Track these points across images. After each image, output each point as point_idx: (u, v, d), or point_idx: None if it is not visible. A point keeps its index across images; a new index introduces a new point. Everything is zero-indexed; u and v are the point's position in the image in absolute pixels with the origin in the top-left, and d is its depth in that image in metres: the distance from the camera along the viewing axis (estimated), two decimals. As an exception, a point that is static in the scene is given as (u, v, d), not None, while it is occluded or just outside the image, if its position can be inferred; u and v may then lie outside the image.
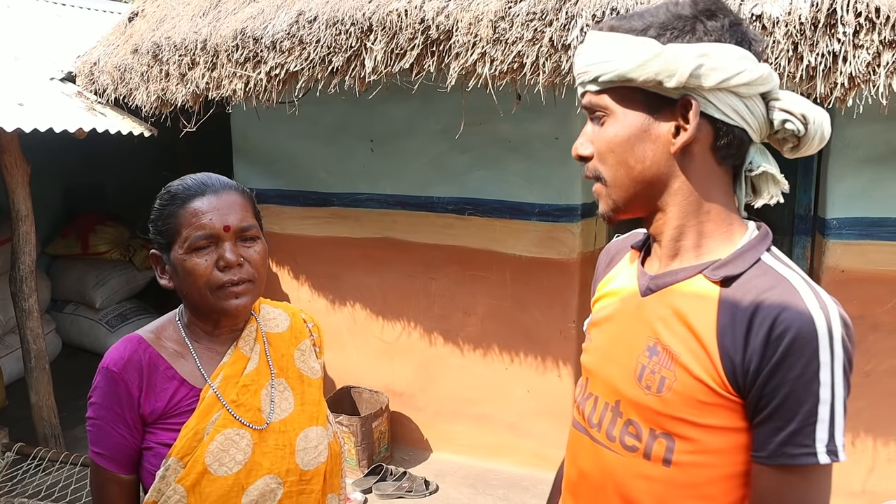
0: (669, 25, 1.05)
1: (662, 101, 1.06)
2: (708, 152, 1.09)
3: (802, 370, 0.97)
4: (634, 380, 1.12)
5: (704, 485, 1.07)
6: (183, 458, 1.32)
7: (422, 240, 4.39)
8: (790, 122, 1.06)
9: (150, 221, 1.41)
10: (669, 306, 1.11)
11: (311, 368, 1.55)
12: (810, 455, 0.98)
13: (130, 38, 4.02)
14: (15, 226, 3.91)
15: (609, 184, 1.13)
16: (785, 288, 1.02)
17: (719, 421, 1.04)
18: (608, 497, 1.16)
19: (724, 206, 1.12)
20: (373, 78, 3.14)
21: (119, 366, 1.35)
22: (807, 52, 2.39)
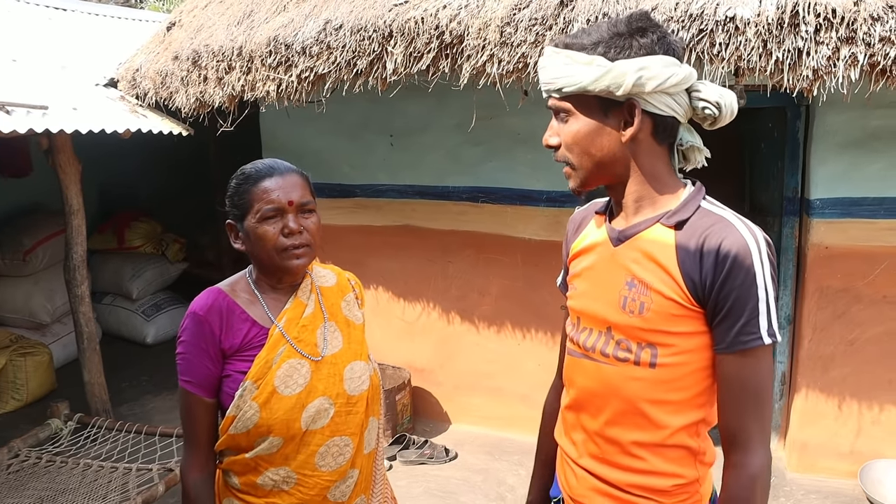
0: (612, 44, 1.35)
1: (612, 103, 1.38)
2: (650, 137, 1.42)
3: (744, 278, 1.31)
4: (619, 308, 1.45)
5: (681, 378, 1.41)
6: (257, 381, 1.66)
7: (439, 226, 4.72)
8: (707, 108, 1.40)
9: (227, 197, 1.75)
10: (638, 250, 1.44)
11: (355, 315, 1.89)
12: (757, 339, 1.32)
13: (170, 46, 4.38)
14: (68, 219, 4.29)
15: (576, 167, 1.45)
16: (724, 223, 1.37)
17: (688, 328, 1.38)
18: (608, 400, 1.49)
19: (667, 173, 1.47)
20: (393, 79, 3.48)
21: (204, 310, 1.70)
22: (775, 49, 2.71)
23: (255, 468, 1.70)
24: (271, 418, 1.65)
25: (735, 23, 2.75)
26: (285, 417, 1.65)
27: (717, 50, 2.79)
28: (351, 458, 1.75)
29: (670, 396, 1.43)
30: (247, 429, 1.65)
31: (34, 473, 3.54)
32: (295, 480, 1.70)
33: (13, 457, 3.64)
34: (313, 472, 1.70)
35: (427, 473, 4.33)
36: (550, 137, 1.48)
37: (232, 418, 1.66)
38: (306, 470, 1.70)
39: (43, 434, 3.84)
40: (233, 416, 1.66)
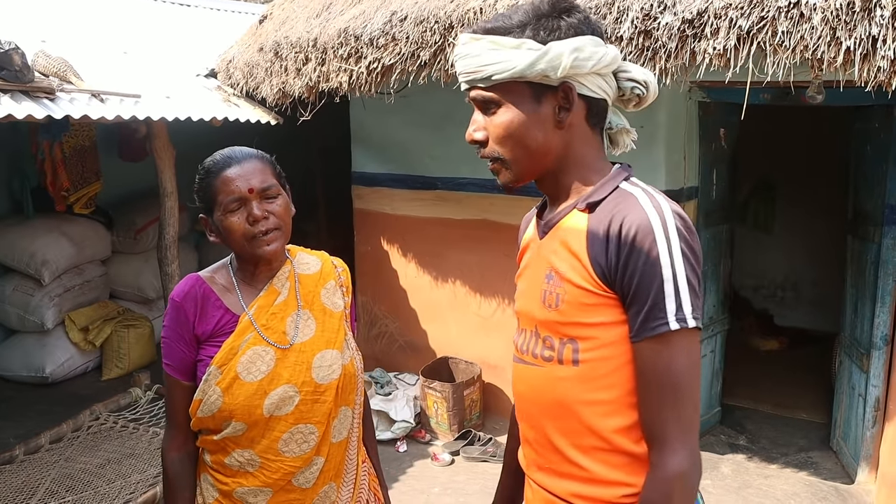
0: (541, 25, 1.27)
1: (545, 89, 1.29)
2: (584, 122, 1.34)
3: (646, 258, 1.20)
4: (540, 303, 1.37)
5: (607, 375, 1.29)
6: (221, 366, 1.69)
7: (516, 222, 4.56)
8: (636, 87, 1.34)
9: (194, 193, 1.78)
10: (557, 239, 1.36)
11: (334, 304, 1.87)
12: (664, 324, 1.20)
13: (259, 38, 4.56)
14: (162, 201, 4.56)
15: (510, 161, 1.35)
16: (629, 201, 1.27)
17: (604, 317, 1.27)
18: (539, 406, 1.40)
19: (598, 158, 1.38)
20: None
21: (180, 297, 1.74)
22: (845, 37, 2.46)
23: (224, 448, 1.73)
24: (233, 403, 1.67)
25: (800, 8, 2.52)
26: (246, 403, 1.67)
27: (780, 39, 2.57)
28: (316, 445, 1.75)
29: (599, 396, 1.31)
30: (212, 412, 1.69)
31: (108, 436, 3.80)
32: (259, 463, 1.72)
33: (94, 419, 3.92)
34: (277, 457, 1.72)
35: (487, 471, 4.29)
36: (475, 132, 1.38)
37: (199, 402, 1.70)
38: (269, 455, 1.71)
39: (124, 401, 4.10)
40: (199, 399, 1.71)
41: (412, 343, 5.23)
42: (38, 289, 5.37)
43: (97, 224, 5.82)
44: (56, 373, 5.38)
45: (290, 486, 1.75)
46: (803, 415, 5.01)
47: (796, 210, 6.64)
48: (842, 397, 4.35)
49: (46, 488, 3.40)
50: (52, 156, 5.22)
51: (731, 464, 4.33)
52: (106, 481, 3.45)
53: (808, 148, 6.30)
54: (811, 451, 4.49)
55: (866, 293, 3.97)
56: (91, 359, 5.66)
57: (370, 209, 5.28)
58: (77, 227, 5.62)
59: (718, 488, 4.03)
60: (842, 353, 4.41)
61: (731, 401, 5.07)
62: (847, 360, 4.29)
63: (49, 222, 5.47)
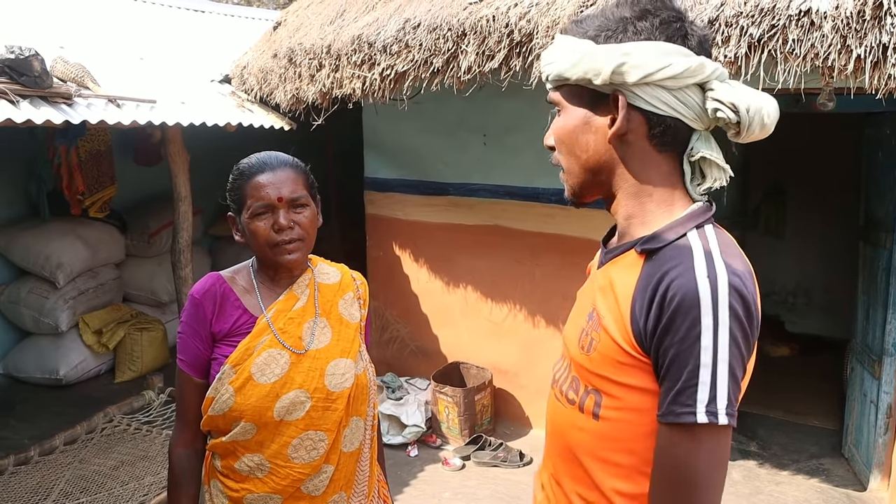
0: (606, 27, 1.16)
1: (600, 96, 1.18)
2: (644, 140, 1.18)
3: (686, 333, 1.04)
4: (577, 341, 1.24)
5: (630, 440, 1.15)
6: (235, 366, 1.71)
7: (527, 228, 4.68)
8: (720, 110, 1.12)
9: (226, 191, 1.81)
10: (607, 277, 1.22)
11: (351, 315, 1.90)
12: (690, 414, 1.04)
13: (273, 45, 4.60)
14: (176, 205, 4.60)
15: (566, 171, 1.27)
16: (685, 259, 1.09)
17: (635, 381, 1.13)
18: (560, 445, 1.31)
19: (666, 188, 1.20)
20: (468, 77, 3.48)
21: (200, 294, 1.77)
22: (855, 45, 2.47)
23: (233, 452, 1.75)
24: (244, 404, 1.69)
25: (810, 17, 2.53)
26: (258, 404, 1.69)
27: (791, 47, 2.58)
28: (325, 453, 1.77)
29: (613, 457, 1.19)
30: (223, 411, 1.71)
31: (122, 438, 3.84)
32: (268, 469, 1.73)
33: (108, 421, 3.96)
34: (286, 463, 1.73)
35: (498, 476, 4.30)
36: (547, 137, 1.30)
37: (211, 400, 1.73)
38: (279, 460, 1.73)
39: (137, 403, 4.15)
40: (211, 397, 1.73)
41: (423, 348, 5.25)
42: (52, 291, 5.42)
43: (111, 227, 5.88)
44: (70, 375, 5.43)
45: (299, 493, 1.76)
46: (815, 421, 4.99)
47: (807, 216, 6.63)
48: (853, 404, 4.34)
49: (61, 489, 3.45)
50: (69, 160, 5.28)
51: (742, 470, 4.32)
52: (119, 483, 3.49)
53: (819, 154, 6.30)
54: (823, 458, 4.48)
55: (878, 299, 3.97)
56: (104, 361, 5.70)
57: (382, 214, 5.31)
58: (92, 231, 5.67)
59: (729, 494, 4.02)
60: (853, 359, 4.41)
61: (742, 407, 5.01)
62: (859, 367, 4.28)
63: (64, 225, 5.53)
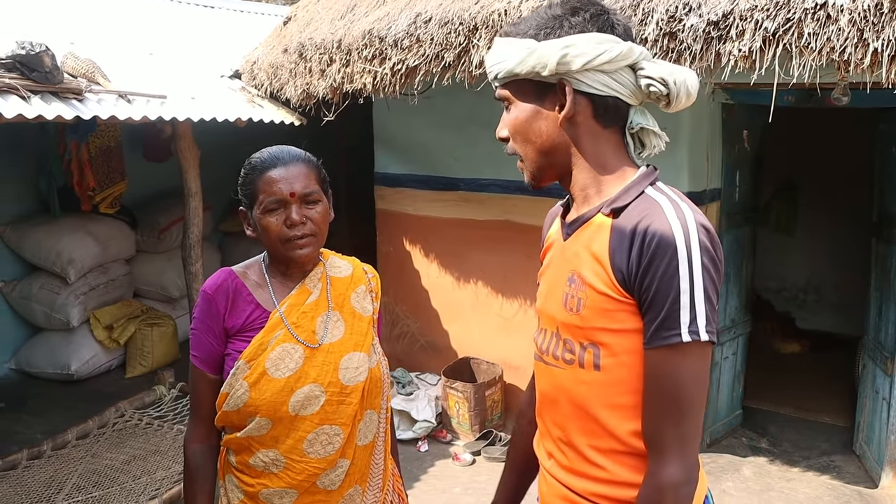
0: (544, 25, 1.30)
1: (546, 86, 1.33)
2: (591, 120, 1.34)
3: (665, 268, 1.20)
4: (562, 306, 1.39)
5: (627, 381, 1.31)
6: (249, 361, 1.71)
7: (538, 223, 4.57)
8: (653, 85, 1.30)
9: (238, 185, 1.81)
10: (580, 242, 1.37)
11: (364, 308, 1.89)
12: (675, 335, 1.21)
13: (283, 40, 4.59)
14: (186, 201, 4.61)
15: (523, 158, 1.40)
16: (654, 209, 1.26)
17: (624, 325, 1.28)
18: (561, 406, 1.42)
19: (616, 159, 1.37)
20: (479, 72, 3.46)
21: (212, 289, 1.77)
22: (872, 39, 2.45)
23: (248, 448, 1.75)
24: (259, 399, 1.69)
25: (826, 10, 2.51)
26: (273, 399, 1.69)
27: (807, 41, 2.56)
28: (341, 447, 1.76)
29: (621, 400, 1.33)
30: (237, 407, 1.71)
31: (134, 433, 3.86)
32: (283, 464, 1.73)
33: (119, 416, 3.98)
34: (301, 458, 1.73)
35: (508, 471, 4.29)
36: (500, 129, 1.43)
37: (225, 395, 1.73)
38: (294, 455, 1.73)
39: (148, 398, 4.16)
40: (226, 393, 1.73)
41: (434, 343, 5.25)
42: (63, 287, 5.44)
43: (122, 223, 5.90)
44: (81, 370, 5.45)
45: (314, 487, 1.76)
46: (826, 418, 4.97)
47: (819, 212, 6.60)
48: (865, 401, 4.32)
49: (73, 483, 3.46)
50: (79, 156, 5.29)
51: (752, 466, 4.31)
52: (131, 477, 3.51)
53: (831, 150, 6.26)
54: (834, 455, 4.46)
55: (891, 296, 3.94)
56: (115, 356, 5.73)
57: (393, 210, 5.30)
58: (102, 227, 5.69)
59: (740, 491, 4.01)
60: (865, 356, 4.38)
61: (753, 403, 5.04)
62: (871, 364, 4.26)
63: (75, 221, 5.55)
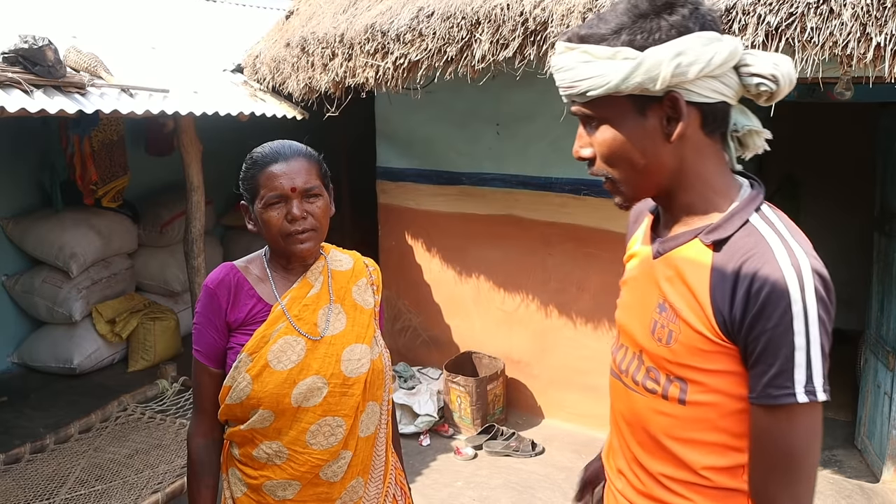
0: (637, 28, 1.12)
1: (648, 99, 1.16)
2: (699, 132, 1.20)
3: (778, 321, 1.09)
4: (649, 333, 1.27)
5: (717, 419, 1.21)
6: (252, 354, 1.72)
7: (541, 217, 4.66)
8: (763, 83, 1.16)
9: (239, 180, 1.81)
10: (673, 268, 1.25)
11: (365, 300, 1.90)
12: (790, 395, 1.10)
13: (285, 34, 4.59)
14: (188, 195, 4.61)
15: (620, 181, 1.24)
16: (762, 248, 1.13)
17: (720, 366, 1.17)
18: (637, 432, 1.34)
19: (718, 172, 1.24)
20: (481, 66, 3.46)
21: (214, 284, 1.78)
22: (875, 33, 2.44)
23: (252, 440, 1.76)
24: (262, 391, 1.70)
25: (829, 4, 2.50)
26: (275, 391, 1.70)
27: (809, 35, 2.56)
28: (343, 439, 1.77)
29: (702, 437, 1.23)
30: (240, 400, 1.72)
31: (136, 427, 3.86)
32: (287, 455, 1.74)
33: (122, 410, 3.99)
34: (304, 450, 1.74)
35: (510, 466, 4.30)
36: (582, 149, 1.27)
37: (228, 388, 1.73)
38: (297, 446, 1.74)
39: (150, 392, 4.17)
40: (229, 386, 1.73)
41: (436, 337, 5.26)
42: (66, 281, 5.45)
43: (124, 217, 5.90)
44: (83, 364, 5.46)
45: (317, 479, 1.77)
46: (828, 412, 4.89)
47: (821, 207, 6.57)
48: (867, 396, 4.32)
49: (76, 477, 3.47)
50: (81, 150, 5.29)
51: (754, 461, 4.30)
52: (134, 471, 3.52)
53: (833, 144, 6.24)
54: (835, 450, 4.46)
55: (892, 291, 3.94)
56: (117, 350, 5.73)
57: (395, 204, 5.31)
58: (104, 221, 5.69)
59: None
60: (867, 351, 4.38)
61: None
62: (873, 359, 4.26)
63: (77, 216, 5.55)
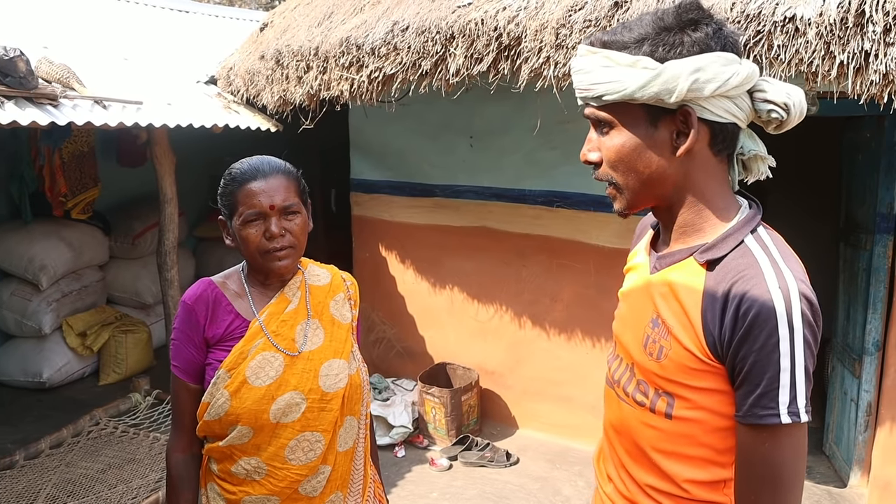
0: (660, 41, 1.15)
1: (662, 111, 1.18)
2: (706, 149, 1.22)
3: (764, 342, 1.11)
4: (641, 347, 1.30)
5: (701, 434, 1.23)
6: (230, 370, 1.72)
7: (514, 229, 4.70)
8: (774, 111, 1.20)
9: (218, 195, 1.81)
10: (667, 284, 1.27)
11: (343, 315, 1.91)
12: (774, 416, 1.12)
13: (260, 46, 4.59)
14: (162, 207, 4.58)
15: (622, 187, 1.26)
16: (753, 270, 1.15)
17: (708, 384, 1.20)
18: (626, 442, 1.37)
19: (721, 192, 1.26)
20: (456, 80, 3.50)
21: (192, 299, 1.78)
22: (838, 51, 2.53)
23: (230, 456, 1.76)
24: (240, 407, 1.70)
25: (795, 23, 2.58)
26: (254, 408, 1.70)
27: (776, 52, 2.63)
28: (322, 454, 1.78)
29: (687, 451, 1.26)
30: (219, 416, 1.72)
31: (109, 441, 3.82)
32: (265, 471, 1.74)
33: (94, 424, 3.94)
34: (283, 465, 1.74)
35: (485, 476, 4.32)
36: (590, 153, 1.30)
37: (206, 405, 1.73)
38: (276, 462, 1.74)
39: (123, 406, 4.13)
40: (207, 402, 1.73)
41: (410, 349, 5.27)
42: (35, 294, 5.38)
43: (95, 229, 5.84)
44: (53, 378, 5.38)
45: (296, 494, 1.77)
46: (796, 420, 5.05)
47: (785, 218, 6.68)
48: (834, 402, 4.41)
49: (48, 493, 3.42)
50: (52, 162, 5.23)
51: (725, 469, 4.37)
52: (107, 486, 3.48)
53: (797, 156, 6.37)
54: (804, 457, 4.54)
55: (858, 300, 4.04)
56: (88, 364, 5.67)
57: (368, 216, 5.32)
58: (75, 233, 5.63)
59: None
60: (834, 359, 4.48)
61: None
62: (839, 366, 4.35)
63: (47, 227, 5.48)
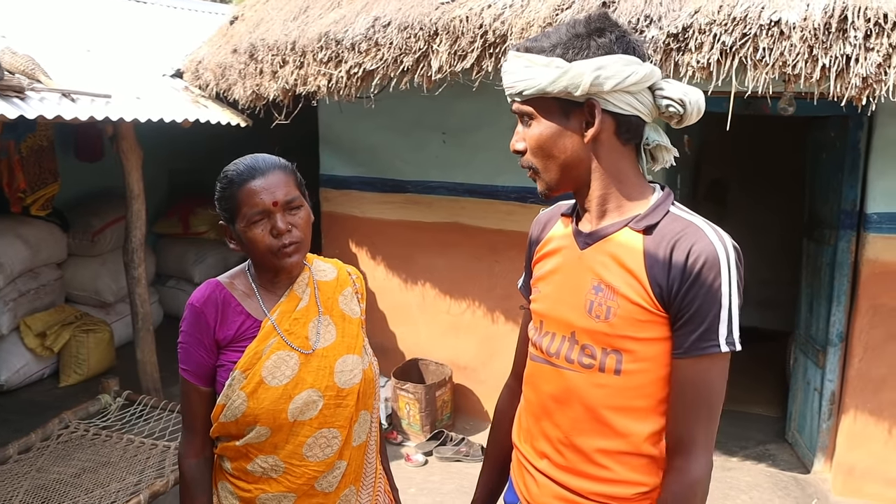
0: (571, 45, 1.34)
1: (572, 104, 1.38)
2: (613, 137, 1.42)
3: (710, 285, 1.32)
4: (585, 313, 1.45)
5: (645, 385, 1.42)
6: (245, 371, 1.70)
7: (487, 225, 4.73)
8: (671, 105, 1.40)
9: (215, 200, 1.78)
10: (606, 253, 1.44)
11: (352, 310, 1.90)
12: (715, 346, 1.34)
13: (231, 40, 4.51)
14: (129, 203, 4.47)
15: (541, 171, 1.45)
16: (693, 229, 1.38)
17: (652, 334, 1.39)
18: (573, 408, 1.49)
19: (632, 174, 1.47)
20: (438, 77, 3.50)
21: (200, 302, 1.74)
22: (821, 55, 2.62)
23: (246, 455, 1.74)
24: (258, 408, 1.68)
25: (780, 27, 2.66)
26: (272, 408, 1.69)
27: (761, 55, 2.71)
28: (339, 449, 1.78)
29: (635, 403, 1.43)
30: (235, 417, 1.70)
31: (81, 445, 3.72)
32: (283, 469, 1.73)
33: (63, 427, 3.82)
34: (301, 462, 1.74)
35: (461, 471, 4.35)
36: (517, 143, 1.48)
37: (222, 407, 1.71)
38: (294, 460, 1.73)
39: (93, 408, 4.02)
40: (222, 404, 1.71)
41: (382, 345, 5.24)
42: (-9, 293, 5.19)
43: (53, 226, 5.66)
44: (11, 380, 5.21)
45: (312, 490, 1.77)
46: (759, 409, 5.22)
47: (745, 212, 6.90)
48: (797, 392, 4.57)
49: (20, 500, 3.31)
50: (9, 156, 5.05)
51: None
52: (83, 491, 3.38)
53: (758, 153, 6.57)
54: (768, 444, 4.70)
55: (822, 293, 4.18)
56: (47, 365, 5.50)
57: (338, 212, 5.28)
58: (32, 230, 5.44)
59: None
60: (797, 350, 4.63)
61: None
62: (802, 357, 4.50)
63: (3, 224, 5.28)
